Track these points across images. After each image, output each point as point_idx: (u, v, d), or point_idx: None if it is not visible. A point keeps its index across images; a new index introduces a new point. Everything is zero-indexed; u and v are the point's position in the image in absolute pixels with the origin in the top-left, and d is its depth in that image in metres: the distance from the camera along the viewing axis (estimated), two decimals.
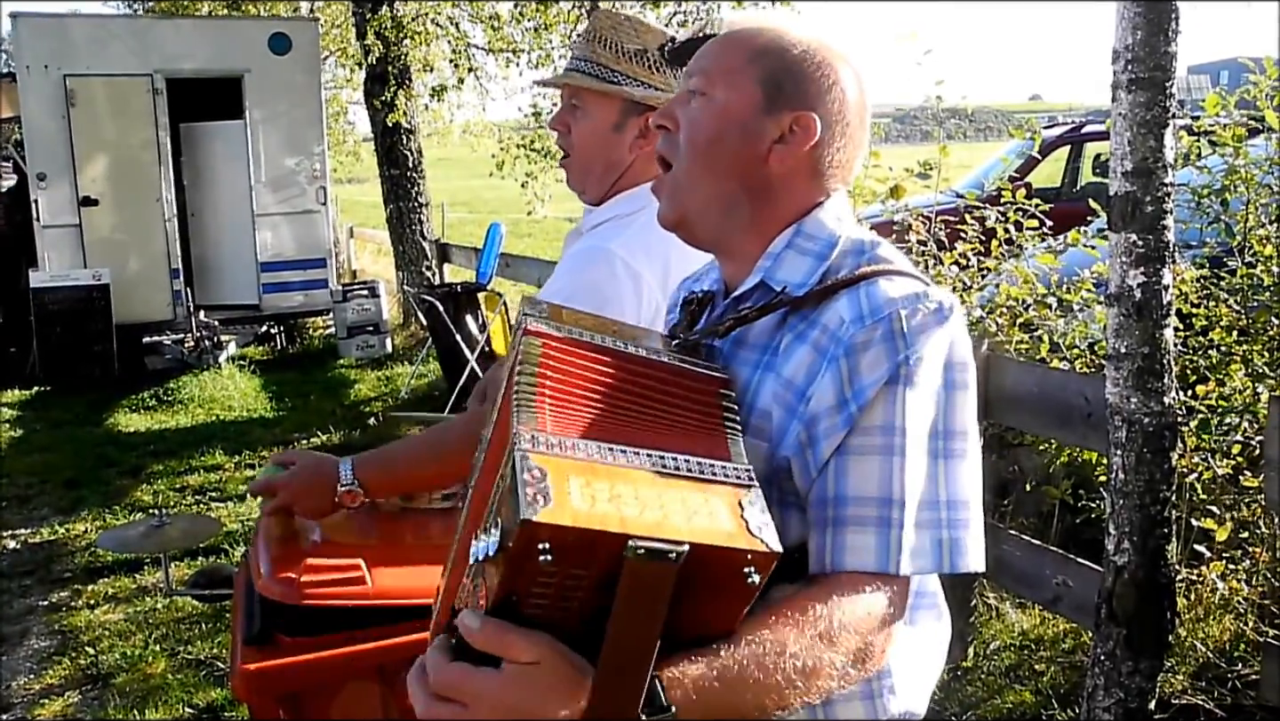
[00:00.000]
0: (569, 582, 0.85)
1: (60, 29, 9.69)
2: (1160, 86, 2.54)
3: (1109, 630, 2.72)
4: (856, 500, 1.07)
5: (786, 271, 1.19)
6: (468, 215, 23.32)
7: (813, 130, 1.19)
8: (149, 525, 2.21)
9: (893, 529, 1.06)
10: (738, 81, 1.19)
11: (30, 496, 6.22)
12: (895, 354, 1.08)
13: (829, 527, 1.08)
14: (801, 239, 1.21)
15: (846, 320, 1.11)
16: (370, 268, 14.80)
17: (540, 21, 10.18)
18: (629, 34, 1.85)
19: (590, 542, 0.83)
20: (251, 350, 10.70)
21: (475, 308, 7.80)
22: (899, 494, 1.07)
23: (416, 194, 10.58)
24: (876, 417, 1.08)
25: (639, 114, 1.83)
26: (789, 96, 1.19)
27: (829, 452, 1.08)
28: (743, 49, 1.21)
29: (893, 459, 1.07)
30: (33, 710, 3.67)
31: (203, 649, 4.01)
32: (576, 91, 1.85)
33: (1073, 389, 2.96)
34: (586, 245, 1.83)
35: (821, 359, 1.11)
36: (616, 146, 1.85)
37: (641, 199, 1.81)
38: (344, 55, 14.87)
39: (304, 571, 1.72)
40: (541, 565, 0.83)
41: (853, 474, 1.08)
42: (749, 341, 1.20)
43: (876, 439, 1.08)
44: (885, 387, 1.07)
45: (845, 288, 1.14)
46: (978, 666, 3.49)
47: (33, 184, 9.41)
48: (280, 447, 7.06)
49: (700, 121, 1.20)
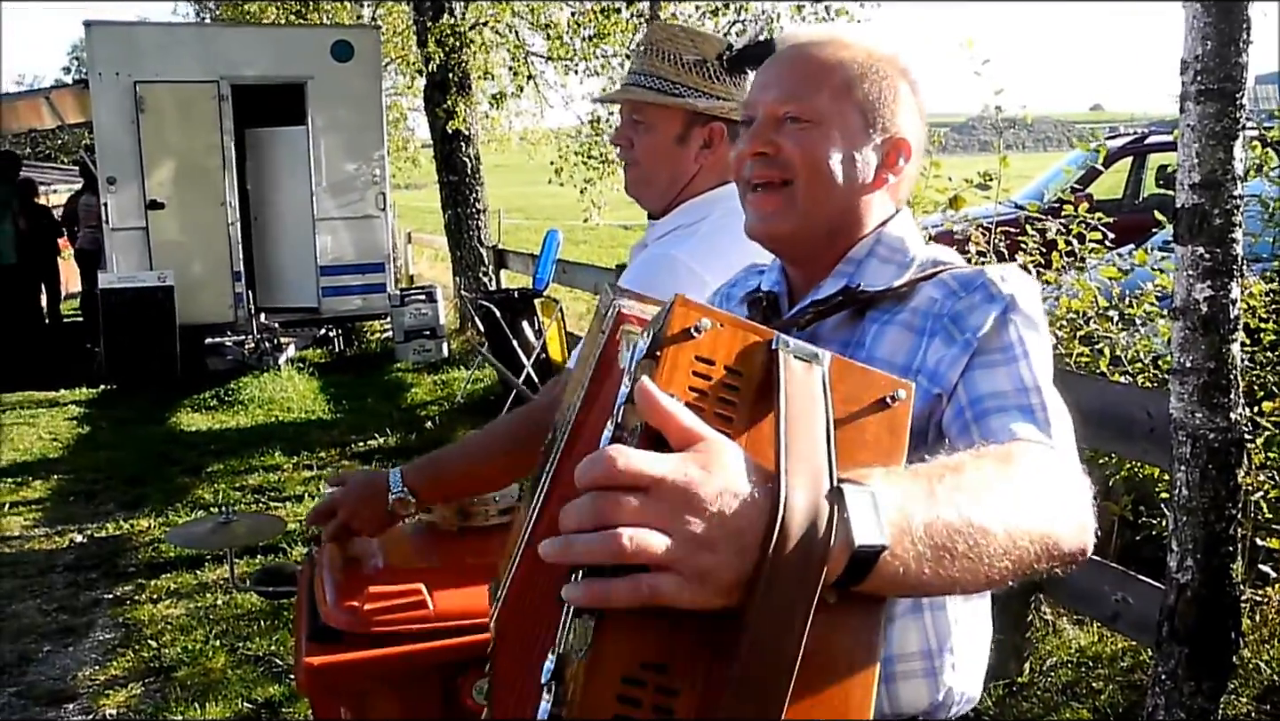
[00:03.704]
0: (723, 395, 0.80)
1: (131, 37, 9.93)
2: (1230, 98, 2.51)
3: (1171, 649, 2.68)
4: (993, 395, 1.10)
5: (870, 277, 1.24)
6: (524, 221, 23.48)
7: (909, 155, 1.26)
8: (215, 522, 2.26)
9: (1037, 411, 1.08)
10: (841, 110, 1.23)
11: (96, 492, 6.37)
12: (999, 300, 1.13)
13: (973, 424, 1.09)
14: (883, 249, 1.26)
15: (940, 298, 1.16)
16: (428, 272, 14.95)
17: (597, 30, 10.24)
18: (686, 45, 1.86)
19: (742, 333, 0.81)
20: (310, 352, 10.86)
21: (532, 314, 7.85)
22: (1033, 382, 1.10)
23: (474, 200, 10.68)
24: (994, 341, 1.12)
25: (702, 124, 1.84)
26: (884, 122, 1.25)
27: (956, 378, 1.12)
28: (838, 75, 1.24)
29: (1018, 363, 1.11)
30: (98, 700, 3.76)
31: (261, 645, 4.08)
32: (638, 106, 1.87)
33: (1135, 403, 2.93)
34: (652, 253, 1.85)
35: (920, 335, 1.16)
36: (681, 158, 1.86)
37: (704, 208, 1.82)
38: (404, 63, 15.05)
39: (367, 600, 1.75)
40: (696, 357, 0.80)
41: (983, 381, 1.11)
42: (824, 337, 1.22)
43: (998, 355, 1.12)
44: (997, 319, 1.12)
45: (926, 280, 1.20)
46: (1034, 682, 3.44)
47: (102, 188, 9.65)
48: (337, 449, 7.16)
49: (817, 150, 1.22)
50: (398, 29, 14.68)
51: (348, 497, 1.84)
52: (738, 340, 0.81)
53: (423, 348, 10.07)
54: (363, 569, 1.87)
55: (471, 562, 1.94)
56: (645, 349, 0.81)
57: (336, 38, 10.43)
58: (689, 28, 1.94)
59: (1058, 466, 0.99)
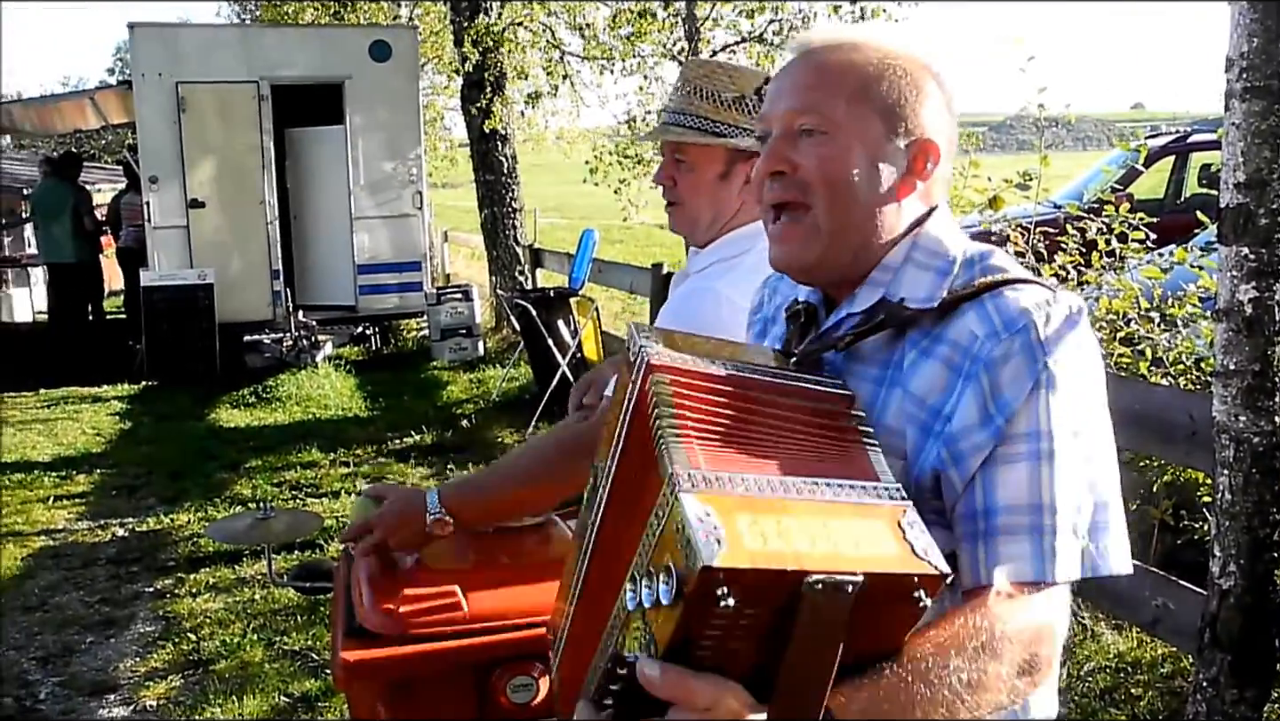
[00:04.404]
0: (742, 622, 0.85)
1: (173, 38, 10.06)
2: (1277, 95, 2.46)
3: (1212, 656, 2.64)
4: (1007, 509, 1.07)
5: (908, 287, 1.18)
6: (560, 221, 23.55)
7: (937, 156, 1.20)
8: (254, 518, 2.28)
9: (1045, 535, 1.06)
10: (858, 116, 1.17)
11: (137, 486, 6.46)
12: (1035, 363, 1.08)
13: (980, 540, 1.08)
14: (919, 253, 1.20)
15: (980, 336, 1.10)
16: (464, 271, 15.03)
17: (634, 29, 10.24)
18: (724, 82, 1.85)
19: (769, 582, 0.83)
20: (347, 350, 10.95)
21: (568, 313, 7.87)
22: (1049, 500, 1.07)
23: (510, 199, 10.72)
24: (1021, 425, 1.08)
25: (745, 160, 1.82)
26: (907, 122, 1.18)
27: (976, 466, 1.08)
28: (852, 79, 1.18)
29: (1041, 464, 1.07)
30: (138, 691, 3.81)
31: (298, 640, 4.12)
32: (679, 146, 1.86)
33: (1177, 406, 2.89)
34: (693, 286, 1.85)
35: (957, 376, 1.11)
36: (724, 195, 1.86)
37: (745, 241, 1.82)
38: (441, 62, 15.14)
39: (402, 602, 1.76)
40: (720, 610, 0.82)
41: (1001, 484, 1.08)
42: (865, 356, 1.18)
43: (1023, 446, 1.08)
44: (1030, 394, 1.08)
45: (968, 300, 1.13)
46: (1071, 687, 3.41)
47: (145, 187, 9.78)
48: (373, 446, 7.21)
49: (832, 163, 1.17)
50: (434, 29, 14.77)
51: (385, 517, 1.84)
52: (763, 583, 0.83)
53: (458, 346, 10.12)
54: (398, 570, 1.88)
55: (506, 562, 1.95)
56: (670, 594, 0.84)
57: (375, 38, 10.50)
58: (725, 64, 1.93)
59: (1035, 617, 1.04)
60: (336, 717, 3.58)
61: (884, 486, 0.98)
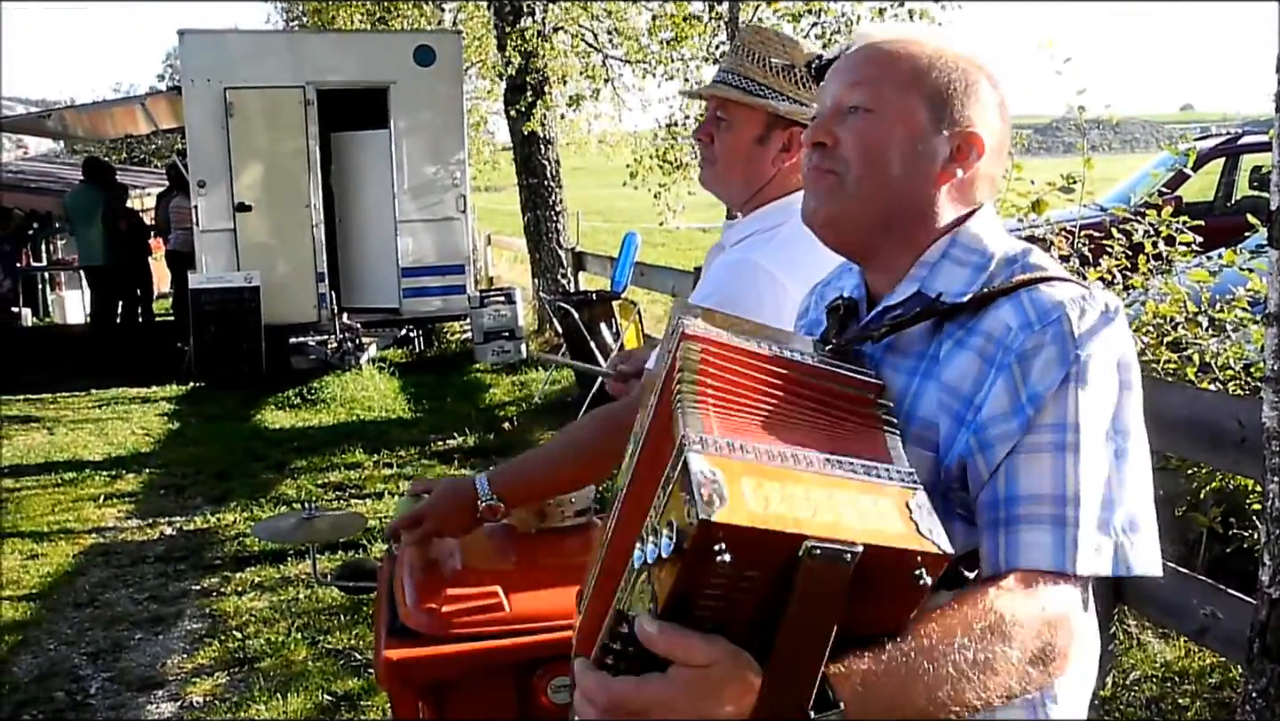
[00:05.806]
0: (741, 584, 0.86)
1: (221, 44, 10.22)
2: None
3: (1262, 666, 2.60)
4: (1029, 498, 1.06)
5: (944, 281, 1.20)
6: (602, 224, 23.58)
7: (980, 150, 1.21)
8: (299, 518, 2.31)
9: (1068, 527, 1.05)
10: (905, 99, 1.20)
11: (184, 486, 6.56)
12: (1067, 355, 1.08)
13: (1001, 528, 1.07)
14: (957, 250, 1.22)
15: (1014, 327, 1.11)
16: (507, 274, 15.10)
17: (676, 33, 10.24)
18: (777, 49, 1.87)
19: (767, 543, 0.84)
20: (391, 352, 11.05)
21: (610, 315, 7.90)
22: (1074, 491, 1.06)
23: (553, 202, 10.76)
24: (1049, 416, 1.07)
25: (783, 128, 1.84)
26: (954, 115, 1.20)
27: (1002, 455, 1.08)
28: (905, 65, 1.21)
29: (1066, 455, 1.07)
30: (185, 688, 3.88)
31: (342, 639, 4.16)
32: (722, 103, 1.88)
33: (1225, 411, 2.84)
34: (731, 258, 1.85)
35: (989, 366, 1.11)
36: (759, 159, 1.87)
37: (783, 213, 1.82)
38: (485, 66, 15.22)
39: (445, 602, 1.78)
40: (717, 566, 0.83)
41: (1025, 472, 1.07)
42: (902, 348, 1.20)
43: (1049, 436, 1.07)
44: (1059, 386, 1.07)
45: (1003, 295, 1.14)
46: (1116, 697, 3.37)
47: (193, 191, 9.92)
48: (417, 448, 7.26)
49: (873, 137, 1.20)
50: (478, 33, 14.86)
51: (436, 507, 1.86)
52: (761, 543, 0.84)
53: (501, 349, 10.16)
54: (441, 570, 1.90)
55: (548, 563, 1.97)
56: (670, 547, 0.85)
57: (419, 43, 10.57)
58: (784, 34, 1.95)
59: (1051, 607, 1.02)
60: (378, 716, 3.61)
61: (897, 469, 0.98)
